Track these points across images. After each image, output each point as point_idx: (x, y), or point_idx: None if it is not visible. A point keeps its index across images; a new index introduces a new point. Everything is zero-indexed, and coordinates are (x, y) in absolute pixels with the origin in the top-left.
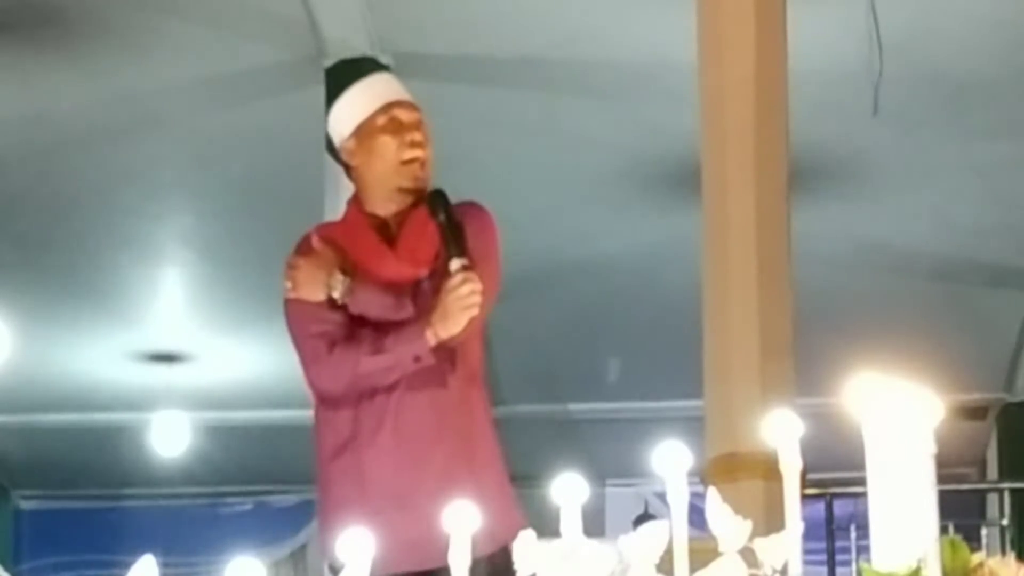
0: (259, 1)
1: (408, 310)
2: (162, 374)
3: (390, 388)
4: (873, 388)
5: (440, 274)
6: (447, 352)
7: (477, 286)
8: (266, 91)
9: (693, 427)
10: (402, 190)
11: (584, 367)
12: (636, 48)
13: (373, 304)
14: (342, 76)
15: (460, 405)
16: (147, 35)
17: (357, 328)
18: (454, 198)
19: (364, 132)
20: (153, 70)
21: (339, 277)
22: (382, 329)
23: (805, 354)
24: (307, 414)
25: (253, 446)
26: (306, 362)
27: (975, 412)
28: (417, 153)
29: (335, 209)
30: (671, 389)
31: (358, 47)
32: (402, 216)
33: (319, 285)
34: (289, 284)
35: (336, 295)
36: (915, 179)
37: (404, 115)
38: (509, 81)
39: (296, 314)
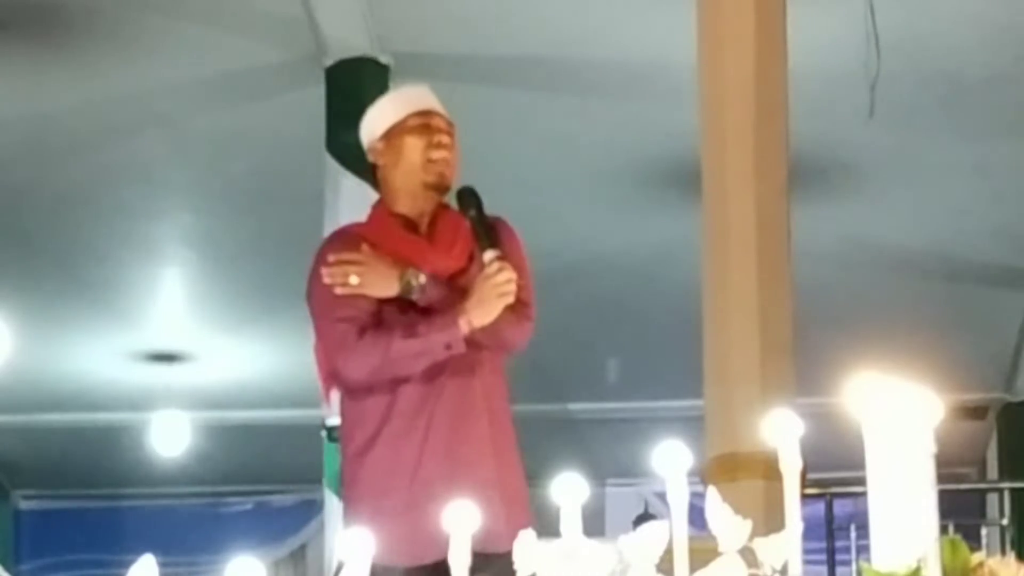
0: (259, 1)
1: None
2: (162, 374)
3: (429, 378)
4: (873, 388)
5: (472, 273)
6: (481, 344)
7: (512, 274)
8: (266, 91)
9: (693, 427)
10: (427, 187)
11: (584, 367)
12: (636, 48)
13: (444, 300)
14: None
15: (493, 399)
16: (147, 35)
17: (385, 315)
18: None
19: (393, 133)
20: (153, 70)
21: (414, 272)
22: (413, 317)
23: (805, 354)
24: (307, 414)
25: (253, 446)
26: (332, 348)
27: (975, 412)
28: (443, 153)
29: (335, 209)
30: (671, 389)
31: (358, 47)
32: (430, 217)
33: (391, 281)
34: (355, 280)
35: (413, 296)
36: (915, 179)
37: (434, 121)
38: (509, 81)
39: (321, 298)
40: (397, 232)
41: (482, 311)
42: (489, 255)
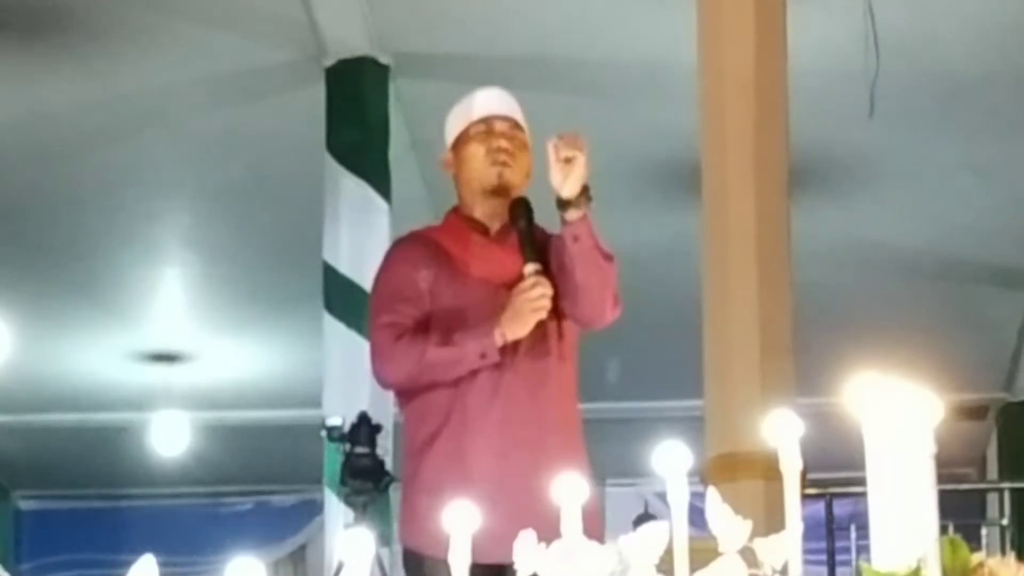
0: (259, 1)
1: None
2: (162, 374)
3: (496, 378)
4: (873, 388)
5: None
6: (556, 337)
7: (548, 291)
8: (266, 91)
9: (693, 427)
10: (489, 190)
11: (584, 367)
12: (636, 48)
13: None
14: None
15: (563, 391)
16: (147, 35)
17: (430, 322)
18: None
19: (458, 144)
20: (153, 70)
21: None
22: (453, 325)
23: (805, 354)
24: (307, 414)
25: (253, 446)
26: (372, 351)
27: (975, 412)
28: (499, 156)
29: (335, 209)
30: (671, 389)
31: (358, 47)
32: (501, 221)
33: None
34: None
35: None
36: (915, 179)
37: (496, 126)
38: (509, 81)
39: (372, 302)
40: (466, 235)
41: (516, 324)
42: (529, 268)
